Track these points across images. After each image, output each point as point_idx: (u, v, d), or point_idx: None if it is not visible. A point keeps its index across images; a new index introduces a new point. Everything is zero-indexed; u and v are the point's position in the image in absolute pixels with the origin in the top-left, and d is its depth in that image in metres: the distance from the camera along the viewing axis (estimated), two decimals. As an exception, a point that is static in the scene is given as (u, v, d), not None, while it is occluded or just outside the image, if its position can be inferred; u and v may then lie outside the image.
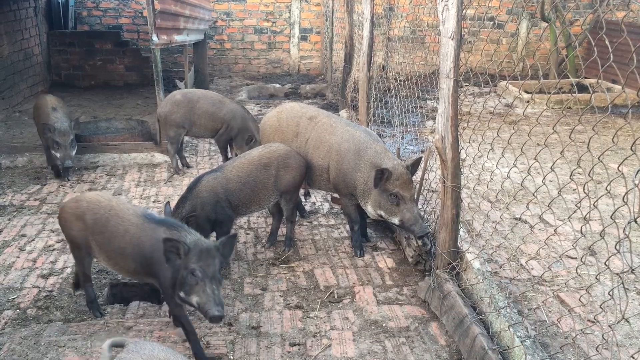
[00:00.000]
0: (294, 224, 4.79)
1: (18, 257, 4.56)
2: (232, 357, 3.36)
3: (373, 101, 6.52)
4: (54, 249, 4.69)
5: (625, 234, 2.15)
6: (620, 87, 8.62)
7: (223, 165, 4.56)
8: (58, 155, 5.96)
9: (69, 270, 4.34)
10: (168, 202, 4.15)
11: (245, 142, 6.18)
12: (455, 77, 3.47)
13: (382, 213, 4.28)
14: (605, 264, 2.36)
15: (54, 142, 5.94)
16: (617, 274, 2.31)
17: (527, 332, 3.21)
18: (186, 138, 7.92)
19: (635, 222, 2.11)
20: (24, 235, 4.93)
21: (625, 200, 2.14)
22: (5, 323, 3.68)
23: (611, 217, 2.26)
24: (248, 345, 3.48)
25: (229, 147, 6.54)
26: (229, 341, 3.52)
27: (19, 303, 3.91)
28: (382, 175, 4.14)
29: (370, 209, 4.39)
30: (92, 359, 3.33)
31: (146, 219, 3.39)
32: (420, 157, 4.47)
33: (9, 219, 5.26)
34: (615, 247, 2.26)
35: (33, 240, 4.85)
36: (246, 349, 3.45)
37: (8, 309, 3.83)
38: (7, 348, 3.43)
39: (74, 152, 6.09)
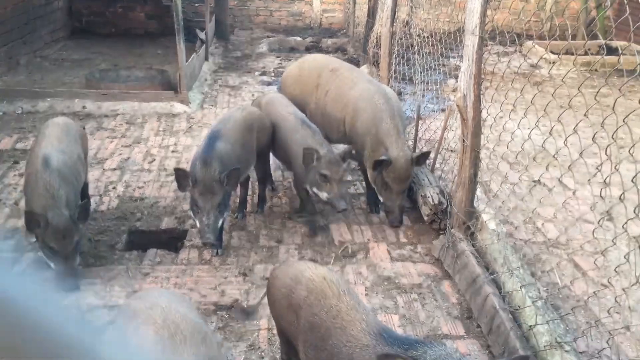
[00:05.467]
0: (266, 185, 4.74)
1: (39, 201, 4.63)
2: (246, 306, 3.43)
3: (395, 57, 6.41)
4: (74, 195, 4.76)
5: (646, 199, 2.13)
6: (650, 50, 8.38)
7: (219, 131, 4.08)
8: (52, 267, 3.44)
9: (88, 215, 4.42)
10: None
11: None
12: (480, 33, 3.40)
13: (375, 186, 4.40)
14: (622, 227, 2.34)
15: (45, 246, 3.40)
16: (634, 237, 2.30)
17: (539, 293, 3.22)
18: (206, 89, 7.91)
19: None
20: (45, 180, 5.00)
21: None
22: (27, 265, 3.78)
23: (632, 180, 2.23)
24: (262, 295, 3.54)
25: None
26: (243, 290, 3.59)
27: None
28: (380, 165, 4.20)
29: (369, 174, 4.47)
30: (110, 303, 3.42)
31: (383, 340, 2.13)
32: (429, 152, 4.47)
33: (31, 164, 5.33)
34: (634, 212, 2.24)
35: (54, 185, 4.93)
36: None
37: (29, 252, 3.93)
38: (29, 288, 3.52)
39: (77, 261, 3.53)
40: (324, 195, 4.04)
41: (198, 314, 2.14)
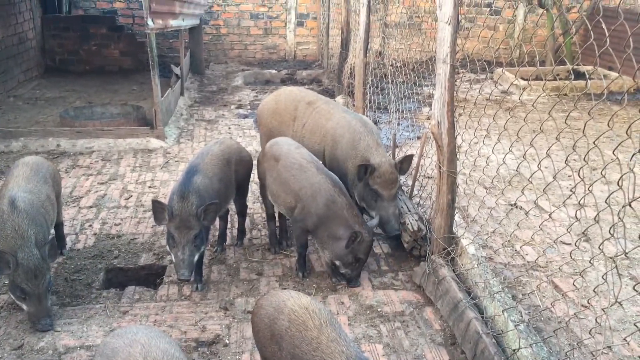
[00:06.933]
0: (245, 217, 4.70)
1: (13, 241, 4.54)
2: (227, 341, 3.38)
3: (369, 87, 6.50)
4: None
5: (619, 218, 2.16)
6: (616, 74, 8.63)
7: (197, 165, 4.01)
8: (25, 308, 3.41)
9: (63, 256, 4.34)
10: None
11: None
12: (452, 62, 3.46)
13: (364, 205, 4.39)
14: (599, 248, 2.37)
15: (17, 287, 3.35)
16: (611, 257, 2.33)
17: (521, 316, 3.23)
18: (182, 123, 7.93)
19: (630, 206, 2.12)
20: (19, 220, 4.91)
21: (619, 184, 2.15)
22: (1, 307, 3.69)
23: (605, 201, 2.27)
24: (244, 329, 3.49)
25: None
26: (224, 325, 3.54)
27: (14, 287, 3.91)
28: (365, 171, 4.22)
29: (356, 198, 4.44)
30: (87, 343, 3.34)
31: None
32: (412, 155, 4.49)
33: (4, 204, 5.24)
34: (610, 232, 2.28)
35: (28, 225, 4.84)
36: (242, 332, 3.46)
37: (4, 294, 3.83)
38: (4, 332, 3.43)
39: (49, 300, 3.49)
40: (343, 270, 3.96)
41: (179, 348, 2.10)
